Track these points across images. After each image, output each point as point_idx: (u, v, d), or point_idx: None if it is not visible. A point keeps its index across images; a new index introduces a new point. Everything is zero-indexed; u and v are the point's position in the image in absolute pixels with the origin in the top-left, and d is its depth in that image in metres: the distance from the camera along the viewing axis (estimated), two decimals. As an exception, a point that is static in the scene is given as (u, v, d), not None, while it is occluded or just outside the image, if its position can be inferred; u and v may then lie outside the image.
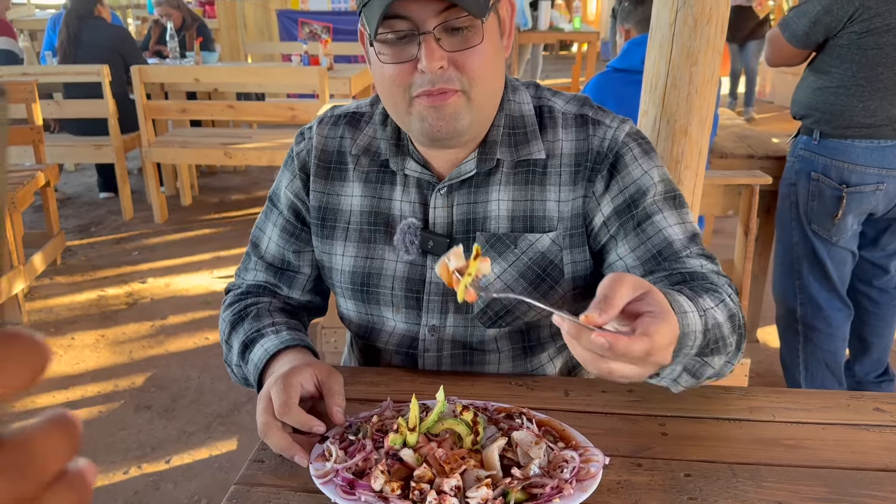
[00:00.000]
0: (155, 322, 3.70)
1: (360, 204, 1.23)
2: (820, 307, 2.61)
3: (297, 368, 1.06)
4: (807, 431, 1.08)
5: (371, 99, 1.29)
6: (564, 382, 1.22)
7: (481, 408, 1.07)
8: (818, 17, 2.36)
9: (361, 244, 1.24)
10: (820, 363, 2.66)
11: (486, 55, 1.06)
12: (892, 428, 1.08)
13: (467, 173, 1.17)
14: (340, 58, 6.24)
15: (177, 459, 2.63)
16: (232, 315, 1.26)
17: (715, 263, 1.17)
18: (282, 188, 1.31)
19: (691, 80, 1.66)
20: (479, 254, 0.91)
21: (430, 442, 0.96)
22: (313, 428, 0.99)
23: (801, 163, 2.53)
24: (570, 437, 1.01)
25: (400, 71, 1.05)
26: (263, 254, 1.32)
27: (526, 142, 1.18)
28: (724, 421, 1.10)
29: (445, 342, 1.24)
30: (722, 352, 1.01)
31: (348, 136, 1.26)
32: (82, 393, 3.07)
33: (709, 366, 1.01)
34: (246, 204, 5.53)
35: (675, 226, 1.16)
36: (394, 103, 1.10)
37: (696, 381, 1.03)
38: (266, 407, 1.00)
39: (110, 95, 4.81)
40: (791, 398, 1.17)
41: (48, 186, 4.15)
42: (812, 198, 2.51)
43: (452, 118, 1.07)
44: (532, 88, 1.24)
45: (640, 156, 1.18)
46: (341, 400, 1.04)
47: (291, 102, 5.53)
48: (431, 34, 1.01)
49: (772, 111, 8.48)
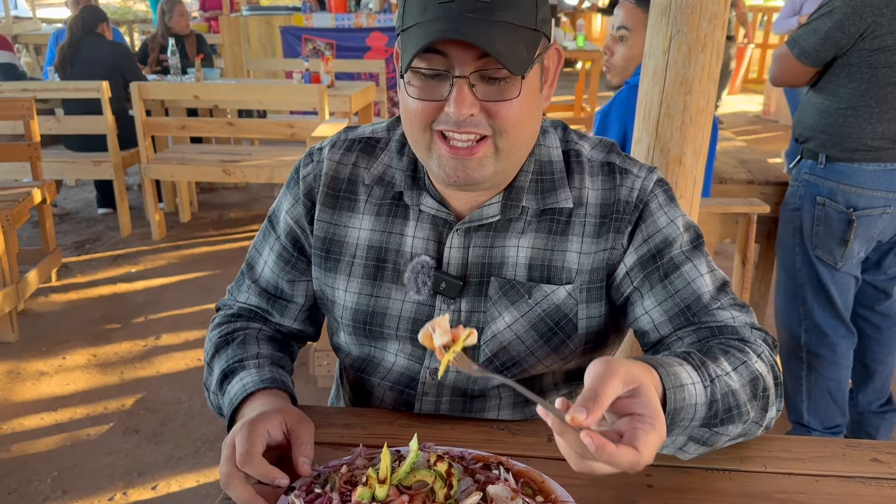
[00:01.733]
0: (148, 342, 3.66)
1: (370, 238, 1.17)
2: (825, 334, 2.55)
3: (264, 415, 1.01)
4: (799, 484, 1.02)
5: (388, 123, 1.23)
6: (548, 427, 1.17)
7: (457, 457, 1.02)
8: (829, 34, 2.32)
9: (366, 280, 1.18)
10: (824, 392, 2.60)
11: (520, 109, 1.00)
12: (890, 481, 1.03)
13: (490, 217, 1.12)
14: (342, 75, 6.24)
15: (163, 486, 2.58)
16: (218, 337, 1.22)
17: (748, 314, 1.12)
18: (282, 211, 1.24)
19: (685, 109, 1.62)
20: (469, 335, 0.91)
21: (401, 495, 0.91)
22: (275, 481, 0.93)
23: (805, 187, 2.49)
24: (549, 490, 0.96)
25: (425, 108, 1.00)
26: (258, 278, 1.27)
27: (553, 189, 1.13)
28: (712, 471, 1.05)
29: (446, 387, 1.19)
30: (737, 420, 0.97)
31: (362, 164, 1.19)
32: (70, 415, 3.02)
33: (722, 435, 0.97)
34: (245, 221, 5.50)
35: (705, 275, 1.12)
36: (415, 137, 1.05)
37: (708, 448, 0.99)
38: (229, 455, 0.96)
39: (109, 111, 4.80)
40: (783, 446, 1.12)
41: (45, 203, 4.14)
42: (818, 223, 2.46)
43: (476, 168, 1.02)
44: (560, 131, 1.19)
45: (666, 203, 1.14)
46: (309, 450, 0.99)
47: (292, 120, 5.52)
48: (466, 79, 0.96)
49: (777, 130, 8.44)
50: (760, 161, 3.14)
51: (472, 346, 1.07)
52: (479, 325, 1.14)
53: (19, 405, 3.10)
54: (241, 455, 0.94)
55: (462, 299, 1.14)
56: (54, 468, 2.67)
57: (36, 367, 3.41)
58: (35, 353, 3.54)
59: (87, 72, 4.99)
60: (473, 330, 0.91)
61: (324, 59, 5.66)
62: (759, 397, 1.00)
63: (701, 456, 1.02)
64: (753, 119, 9.25)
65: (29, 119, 4.18)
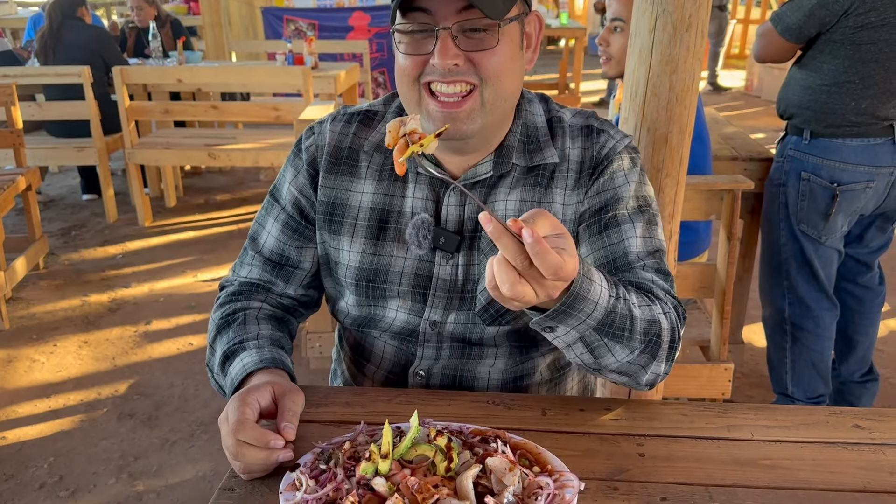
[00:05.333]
0: (139, 327, 3.67)
1: (371, 201, 1.24)
2: (808, 307, 2.61)
3: (254, 387, 1.06)
4: (785, 450, 1.07)
5: (384, 98, 1.32)
6: (542, 401, 1.21)
7: (456, 431, 1.05)
8: (812, 11, 2.34)
9: (369, 241, 1.24)
10: (807, 363, 2.66)
11: (501, 58, 1.09)
12: (871, 446, 1.08)
13: (483, 174, 1.20)
14: (326, 55, 6.20)
15: (159, 469, 2.61)
16: (220, 318, 1.26)
17: (669, 283, 1.18)
18: (285, 183, 1.30)
19: (671, 88, 1.64)
20: (443, 132, 0.98)
21: (403, 468, 0.94)
22: (270, 443, 0.98)
23: (790, 163, 2.53)
24: (545, 461, 1.00)
25: (413, 62, 1.09)
26: (261, 248, 1.31)
27: (539, 149, 1.22)
28: (701, 440, 1.09)
29: (445, 337, 1.26)
30: (625, 343, 1.02)
31: (362, 134, 1.27)
32: (64, 401, 3.04)
33: (608, 350, 1.02)
34: (231, 204, 5.49)
35: (639, 238, 1.18)
36: (407, 94, 1.14)
37: (593, 359, 1.03)
38: (229, 430, 0.99)
39: (92, 97, 4.76)
40: (769, 415, 1.16)
41: (29, 190, 4.11)
42: (802, 197, 2.51)
43: (465, 121, 1.10)
44: (542, 102, 1.29)
45: (629, 167, 1.22)
46: (292, 417, 1.04)
47: (276, 102, 5.49)
48: (449, 31, 1.05)
49: (759, 106, 8.49)
50: (744, 137, 3.17)
51: (472, 296, 1.20)
52: (476, 276, 1.22)
53: (12, 392, 3.10)
54: (233, 423, 0.98)
55: (459, 254, 1.22)
56: (50, 454, 2.69)
57: (27, 355, 3.41)
58: (26, 341, 3.54)
59: (69, 57, 4.94)
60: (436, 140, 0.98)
61: (307, 41, 5.63)
62: (652, 341, 1.06)
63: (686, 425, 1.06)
64: (736, 95, 9.29)
65: (10, 105, 4.15)
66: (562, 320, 0.95)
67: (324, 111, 2.99)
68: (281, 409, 1.05)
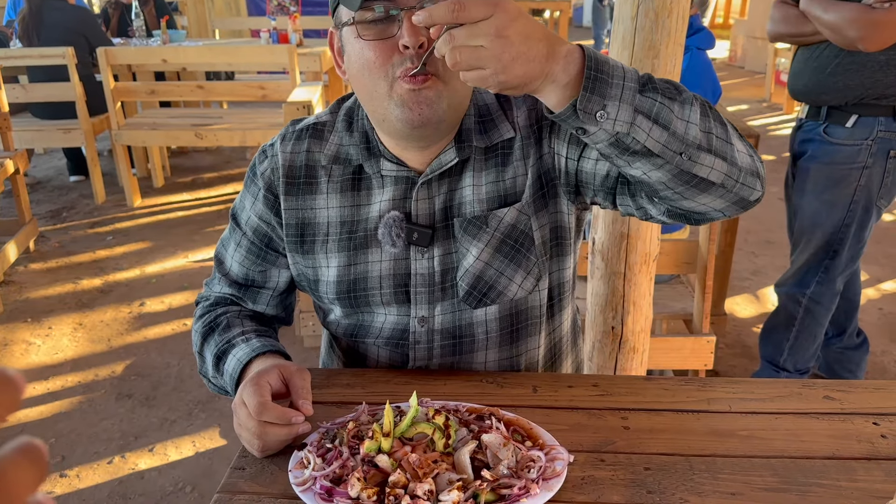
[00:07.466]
0: (132, 308, 3.71)
1: (339, 214, 1.24)
2: (834, 287, 2.60)
3: (263, 371, 1.11)
4: (760, 422, 1.14)
5: (330, 108, 1.30)
6: (532, 378, 1.27)
7: (453, 409, 1.12)
8: None
9: (343, 253, 1.25)
10: (811, 335, 2.68)
11: None
12: (840, 416, 1.15)
13: (449, 162, 1.19)
14: (310, 31, 6.18)
15: (160, 447, 2.68)
16: (203, 327, 1.30)
17: None
18: (245, 209, 1.31)
19: (654, 72, 1.69)
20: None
21: (404, 446, 1.01)
22: (292, 420, 1.04)
23: (879, 143, 2.41)
24: (536, 435, 1.07)
25: (381, 51, 1.06)
26: (227, 272, 1.34)
27: (495, 127, 1.22)
28: (683, 413, 1.16)
29: (435, 332, 1.27)
30: (681, 102, 0.94)
31: (315, 149, 1.26)
32: (62, 383, 3.09)
33: (671, 112, 0.92)
34: (219, 182, 5.51)
35: None
36: (374, 88, 1.09)
37: (665, 132, 0.93)
38: (248, 413, 1.05)
39: (77, 78, 4.75)
40: (747, 388, 1.23)
41: (18, 174, 4.12)
42: (888, 175, 2.45)
43: (432, 102, 1.07)
44: None
45: None
46: (307, 394, 1.09)
47: (262, 81, 5.48)
48: (412, 10, 1.02)
49: (742, 76, 8.54)
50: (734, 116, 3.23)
51: (452, 284, 1.22)
52: (454, 265, 1.23)
53: (10, 375, 3.14)
54: (255, 406, 1.03)
55: (434, 247, 1.22)
56: (51, 435, 2.74)
57: (22, 338, 3.45)
58: (20, 324, 3.58)
59: (52, 38, 4.91)
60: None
61: (291, 18, 5.61)
62: (707, 106, 0.99)
63: (668, 399, 1.12)
64: (720, 65, 9.32)
65: (-5, 89, 4.13)
66: (603, 91, 0.88)
67: (311, 92, 3.02)
68: (294, 387, 1.10)
